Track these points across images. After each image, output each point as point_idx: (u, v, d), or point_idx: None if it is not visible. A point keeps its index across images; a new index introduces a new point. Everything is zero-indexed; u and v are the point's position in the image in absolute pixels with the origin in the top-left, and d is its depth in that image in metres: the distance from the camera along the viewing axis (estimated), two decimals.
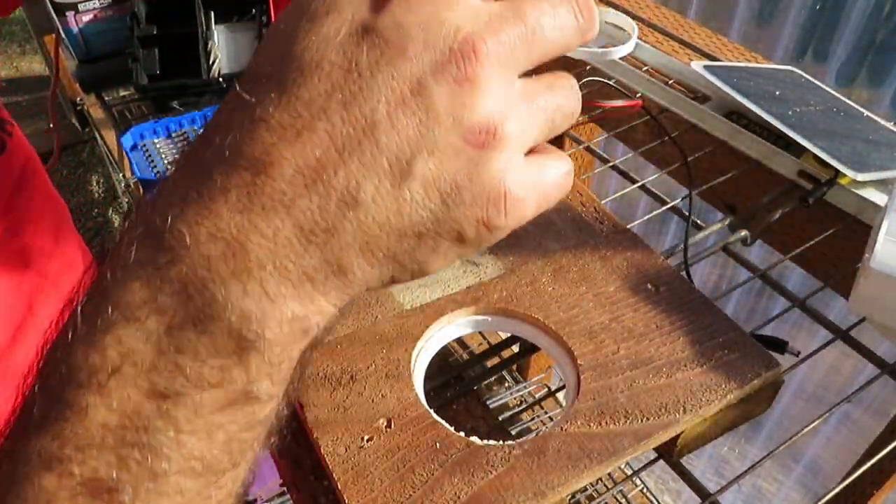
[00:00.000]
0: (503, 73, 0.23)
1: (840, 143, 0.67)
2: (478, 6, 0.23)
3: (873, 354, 0.56)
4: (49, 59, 1.58)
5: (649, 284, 0.50)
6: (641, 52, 0.85)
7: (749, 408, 0.46)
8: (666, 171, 0.72)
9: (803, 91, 0.77)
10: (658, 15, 0.96)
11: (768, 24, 1.15)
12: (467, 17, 0.23)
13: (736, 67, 0.78)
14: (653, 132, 0.77)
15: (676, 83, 0.82)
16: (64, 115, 2.20)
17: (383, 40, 0.22)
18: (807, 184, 0.67)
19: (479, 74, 0.22)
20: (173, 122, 0.89)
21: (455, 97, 0.22)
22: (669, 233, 1.41)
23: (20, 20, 2.98)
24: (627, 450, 0.40)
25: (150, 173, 0.83)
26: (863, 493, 0.69)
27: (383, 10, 0.22)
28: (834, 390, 1.27)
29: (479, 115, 0.22)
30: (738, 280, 1.08)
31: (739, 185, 0.72)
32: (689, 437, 0.44)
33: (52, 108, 1.22)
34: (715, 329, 0.47)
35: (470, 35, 0.22)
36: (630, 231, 0.55)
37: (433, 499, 0.37)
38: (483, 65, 0.22)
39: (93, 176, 2.44)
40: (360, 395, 0.43)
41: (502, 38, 0.23)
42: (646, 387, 0.43)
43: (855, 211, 0.65)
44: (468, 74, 0.22)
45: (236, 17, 1.04)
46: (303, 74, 0.22)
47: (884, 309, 0.54)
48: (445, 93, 0.22)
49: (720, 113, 0.74)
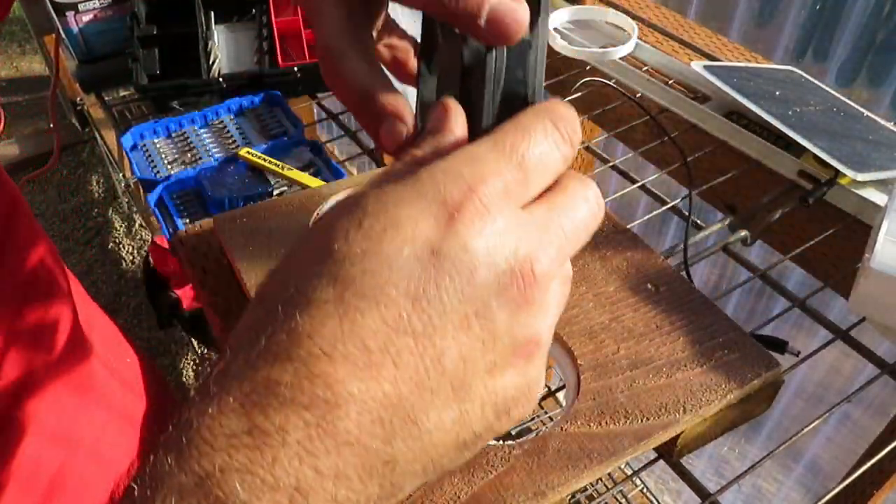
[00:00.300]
0: (553, 285, 0.24)
1: (840, 143, 0.67)
2: (527, 219, 0.23)
3: (873, 354, 0.56)
4: (49, 59, 1.58)
5: (649, 284, 0.50)
6: (641, 52, 0.85)
7: (749, 408, 0.46)
8: (666, 171, 0.72)
9: (803, 91, 0.77)
10: (658, 15, 0.96)
11: (768, 24, 1.15)
12: (522, 234, 0.23)
13: (736, 67, 0.78)
14: (653, 132, 0.77)
15: (676, 83, 0.82)
16: (64, 115, 2.21)
17: (451, 264, 0.21)
18: (807, 184, 0.67)
19: (536, 295, 0.23)
20: (173, 122, 0.89)
21: (514, 318, 0.22)
22: (669, 233, 1.40)
23: (20, 20, 2.98)
24: (627, 450, 0.40)
25: (150, 173, 0.83)
26: (863, 493, 0.69)
27: (449, 231, 0.21)
28: (834, 390, 1.27)
29: (531, 331, 0.23)
30: (738, 280, 1.08)
31: (739, 185, 0.72)
32: (689, 437, 0.44)
33: (52, 108, 1.22)
34: (715, 329, 0.47)
35: (528, 255, 0.22)
36: (630, 231, 0.55)
37: (433, 498, 0.37)
38: (539, 285, 0.23)
39: (93, 176, 2.44)
40: None
41: (551, 253, 0.23)
42: (646, 387, 0.43)
43: (855, 211, 0.65)
44: (527, 297, 0.23)
45: (236, 17, 1.03)
46: (366, 300, 0.21)
47: (884, 309, 0.54)
48: (506, 314, 0.22)
49: (720, 113, 0.74)
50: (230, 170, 0.82)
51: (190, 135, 0.88)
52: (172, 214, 0.79)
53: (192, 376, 1.83)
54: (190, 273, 0.54)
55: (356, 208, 0.22)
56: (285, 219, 0.54)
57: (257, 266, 0.50)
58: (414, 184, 0.22)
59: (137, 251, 2.17)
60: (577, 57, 0.84)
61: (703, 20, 1.15)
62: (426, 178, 0.22)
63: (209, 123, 0.90)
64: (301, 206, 0.56)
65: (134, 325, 1.94)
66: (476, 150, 0.23)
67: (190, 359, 1.87)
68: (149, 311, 1.91)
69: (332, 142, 1.36)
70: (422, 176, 0.22)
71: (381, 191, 0.22)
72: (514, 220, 0.23)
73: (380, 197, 0.22)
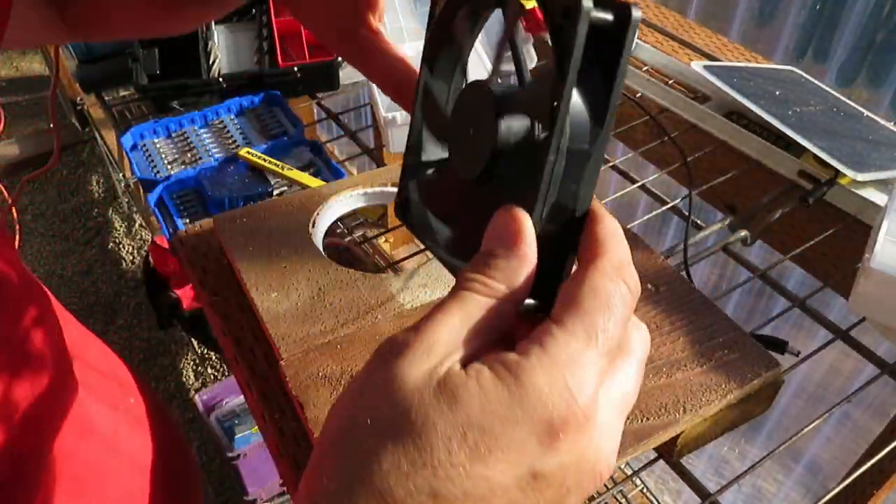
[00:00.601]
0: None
1: (840, 143, 0.67)
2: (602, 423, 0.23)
3: (873, 354, 0.56)
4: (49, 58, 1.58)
5: (649, 284, 0.50)
6: (641, 52, 0.85)
7: (749, 408, 0.46)
8: (666, 171, 0.72)
9: (803, 91, 0.77)
10: (658, 15, 0.96)
11: (768, 24, 1.15)
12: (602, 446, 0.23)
13: (736, 67, 0.78)
14: (653, 132, 0.77)
15: (676, 83, 0.82)
16: (64, 115, 2.21)
17: (547, 483, 0.22)
18: (807, 184, 0.67)
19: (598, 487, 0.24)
20: (173, 122, 0.89)
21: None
22: (669, 233, 1.40)
23: None
24: (627, 450, 0.40)
25: (150, 173, 0.83)
26: (863, 493, 0.69)
27: (551, 450, 0.22)
28: (834, 390, 1.27)
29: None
30: (738, 280, 1.08)
31: (739, 185, 0.72)
32: (689, 437, 0.44)
33: (52, 108, 1.22)
34: (715, 329, 0.47)
35: (604, 462, 0.24)
36: (630, 231, 0.55)
37: None
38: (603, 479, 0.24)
39: (93, 176, 2.44)
40: None
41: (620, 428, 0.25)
42: (646, 387, 0.43)
43: (855, 211, 0.65)
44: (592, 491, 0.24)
45: (236, 17, 1.04)
46: None
47: (884, 309, 0.54)
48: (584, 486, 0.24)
49: (720, 113, 0.74)
50: (230, 170, 0.82)
51: (190, 135, 0.88)
52: (172, 214, 0.79)
53: (192, 376, 1.83)
54: (190, 273, 0.54)
55: (457, 407, 0.21)
56: (285, 219, 0.54)
57: (257, 266, 0.50)
58: (521, 400, 0.22)
59: (137, 251, 2.17)
60: None
61: (703, 20, 1.15)
62: (532, 394, 0.22)
63: (209, 123, 0.90)
64: (301, 206, 0.56)
65: (134, 325, 1.94)
66: (573, 348, 0.23)
67: (190, 359, 1.87)
68: (149, 311, 1.91)
69: (332, 142, 1.36)
70: (528, 389, 0.22)
71: (485, 396, 0.22)
72: (601, 421, 0.23)
73: (485, 406, 0.21)
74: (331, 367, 0.44)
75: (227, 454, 1.38)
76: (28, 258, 2.12)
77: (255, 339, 0.49)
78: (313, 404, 0.42)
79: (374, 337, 0.46)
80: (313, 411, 0.42)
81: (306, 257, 0.51)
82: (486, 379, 0.22)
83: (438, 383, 0.22)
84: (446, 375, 0.22)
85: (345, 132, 0.95)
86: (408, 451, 0.21)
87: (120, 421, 0.55)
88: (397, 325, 0.47)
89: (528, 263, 0.24)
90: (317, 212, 0.56)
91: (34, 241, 2.20)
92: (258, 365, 0.48)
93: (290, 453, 0.43)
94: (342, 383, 0.43)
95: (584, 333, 0.23)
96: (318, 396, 0.42)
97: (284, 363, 0.44)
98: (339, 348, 0.45)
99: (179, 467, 0.62)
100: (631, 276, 0.25)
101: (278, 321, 0.47)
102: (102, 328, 1.93)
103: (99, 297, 2.02)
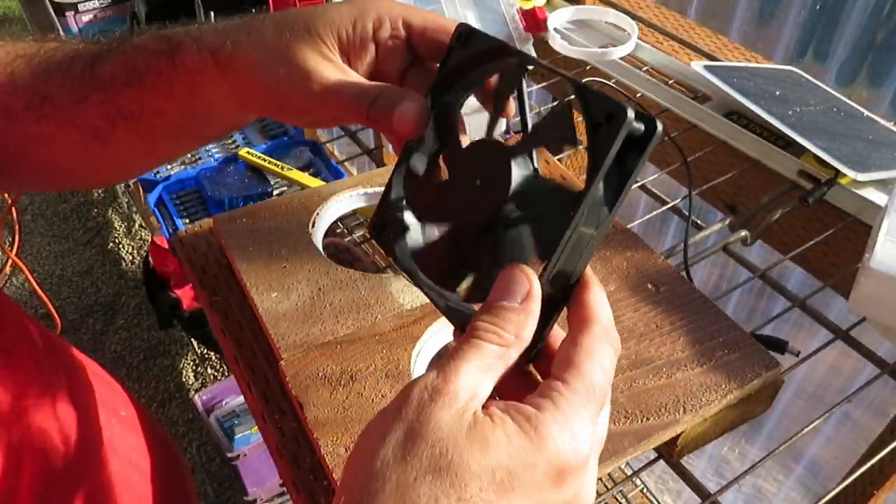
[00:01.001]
0: None
1: (840, 143, 0.67)
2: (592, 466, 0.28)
3: (873, 354, 0.56)
4: None
5: (649, 284, 0.50)
6: (641, 52, 0.85)
7: (749, 408, 0.46)
8: (666, 171, 0.72)
9: (803, 91, 0.77)
10: (658, 15, 0.96)
11: (768, 24, 1.15)
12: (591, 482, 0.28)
13: (736, 67, 0.78)
14: None
15: (676, 83, 0.82)
16: None
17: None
18: (807, 184, 0.67)
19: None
20: None
21: None
22: (669, 233, 1.40)
23: (20, 20, 2.98)
24: (627, 450, 0.40)
25: (149, 173, 0.83)
26: (863, 493, 0.69)
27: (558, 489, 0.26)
28: (834, 390, 1.27)
29: None
30: (738, 280, 1.08)
31: (739, 185, 0.72)
32: (689, 437, 0.44)
33: None
34: (715, 329, 0.47)
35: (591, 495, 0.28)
36: (630, 231, 0.55)
37: None
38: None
39: None
40: (360, 396, 0.43)
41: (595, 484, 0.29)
42: (646, 387, 0.43)
43: (855, 211, 0.65)
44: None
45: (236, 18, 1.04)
46: None
47: (884, 309, 0.54)
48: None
49: (720, 113, 0.74)
50: (230, 170, 0.82)
51: None
52: (172, 214, 0.79)
53: (192, 376, 1.83)
54: (190, 273, 0.54)
55: (488, 451, 0.25)
56: (285, 219, 0.54)
57: (257, 266, 0.50)
58: (539, 447, 0.26)
59: (137, 251, 2.17)
60: (577, 57, 0.84)
61: (703, 20, 1.15)
62: (549, 443, 0.26)
63: None
64: (301, 206, 0.56)
65: (134, 325, 1.94)
66: (577, 403, 0.27)
67: (189, 359, 1.87)
68: (149, 311, 1.91)
69: (332, 142, 1.36)
70: (545, 439, 0.26)
71: (511, 443, 0.26)
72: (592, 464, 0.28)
73: (511, 452, 0.25)
74: (331, 367, 0.44)
75: (226, 454, 1.38)
76: (28, 258, 2.12)
77: (255, 339, 0.49)
78: (313, 404, 0.42)
79: (374, 336, 0.46)
80: (313, 411, 0.42)
81: (306, 257, 0.51)
82: (510, 428, 0.26)
83: (469, 427, 0.26)
84: (475, 420, 0.26)
85: (344, 132, 0.95)
86: (444, 486, 0.25)
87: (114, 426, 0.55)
88: (397, 325, 0.47)
89: (535, 318, 0.29)
90: (316, 212, 0.56)
91: (34, 241, 2.20)
92: (258, 365, 0.48)
93: (290, 453, 0.43)
94: (342, 383, 0.43)
95: (584, 390, 0.27)
96: (318, 396, 0.42)
97: (284, 363, 0.44)
98: (339, 348, 0.45)
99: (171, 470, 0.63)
100: (615, 339, 0.29)
101: (278, 321, 0.47)
102: (102, 328, 1.93)
103: (99, 297, 2.02)
